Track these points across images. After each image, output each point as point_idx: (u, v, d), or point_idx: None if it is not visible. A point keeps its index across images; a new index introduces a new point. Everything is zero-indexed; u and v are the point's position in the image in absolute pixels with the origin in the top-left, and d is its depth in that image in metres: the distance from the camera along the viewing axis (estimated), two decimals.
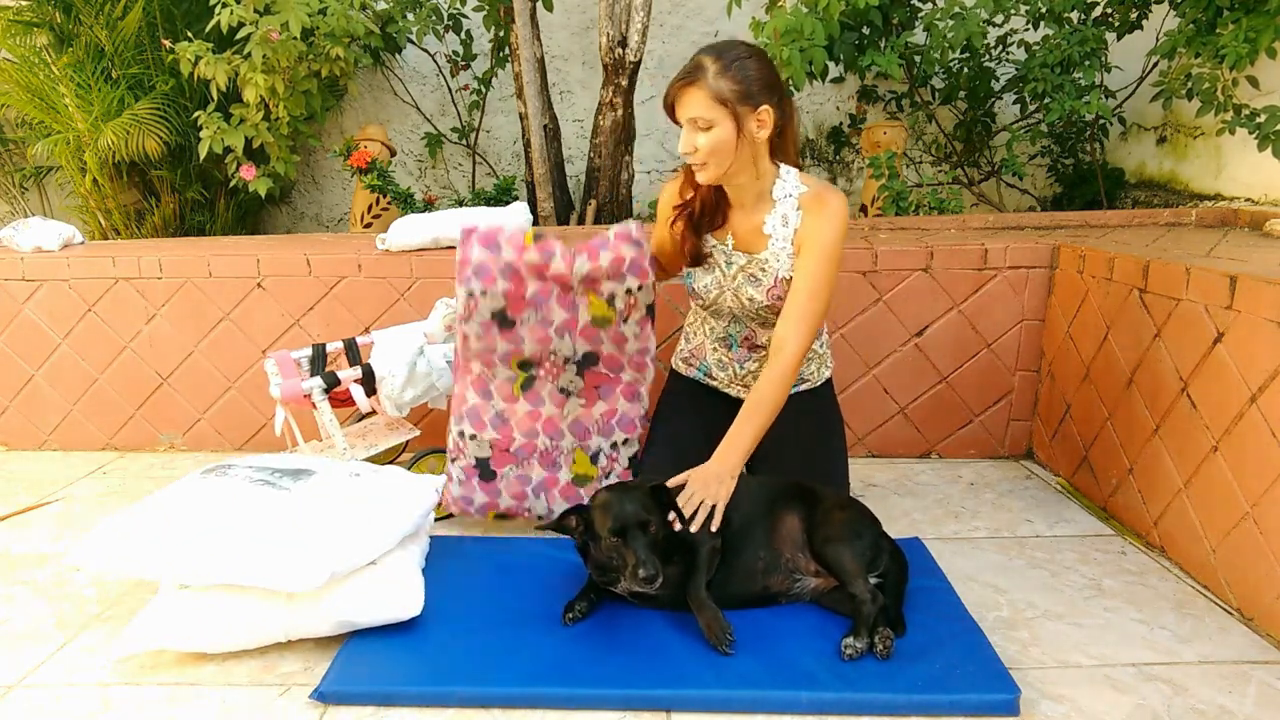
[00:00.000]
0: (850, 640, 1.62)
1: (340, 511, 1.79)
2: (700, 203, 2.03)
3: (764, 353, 2.13)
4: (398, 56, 4.43)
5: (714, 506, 1.79)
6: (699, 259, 2.08)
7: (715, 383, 2.24)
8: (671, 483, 1.84)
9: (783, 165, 1.99)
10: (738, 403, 2.20)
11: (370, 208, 4.10)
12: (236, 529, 1.71)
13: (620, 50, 3.67)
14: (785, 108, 1.90)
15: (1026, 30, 3.77)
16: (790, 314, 1.94)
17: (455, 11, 4.12)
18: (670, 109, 1.90)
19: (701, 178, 1.92)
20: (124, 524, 1.76)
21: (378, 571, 1.76)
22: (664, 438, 2.21)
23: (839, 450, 2.22)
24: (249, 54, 3.40)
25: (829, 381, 2.25)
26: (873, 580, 1.72)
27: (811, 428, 2.09)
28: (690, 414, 2.21)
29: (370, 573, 1.75)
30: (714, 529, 1.77)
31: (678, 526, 1.76)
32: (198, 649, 1.68)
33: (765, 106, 1.84)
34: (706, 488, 1.82)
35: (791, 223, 1.97)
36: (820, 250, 1.93)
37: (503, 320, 2.04)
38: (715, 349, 2.19)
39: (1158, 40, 3.47)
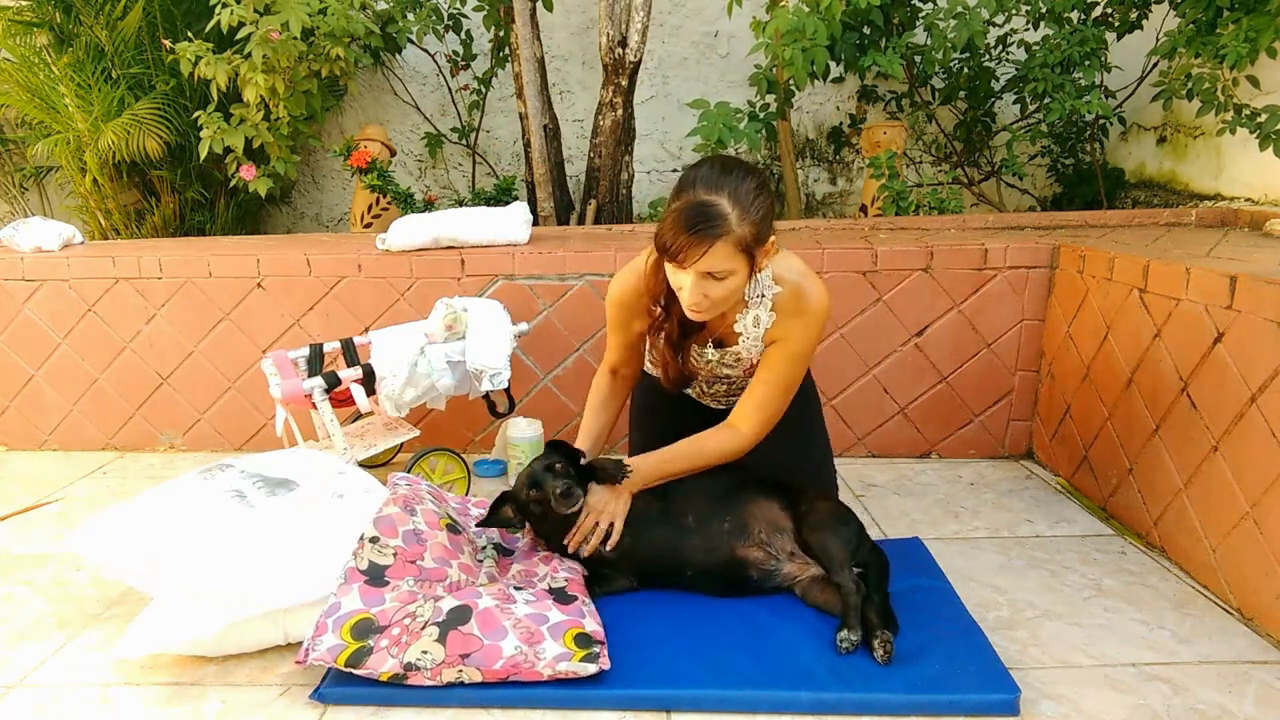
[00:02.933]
0: (844, 634, 1.63)
1: (288, 544, 1.73)
2: (678, 324, 1.87)
3: (733, 383, 2.08)
4: (398, 56, 4.43)
5: (611, 525, 1.83)
6: (686, 382, 2.01)
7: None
8: (572, 509, 1.84)
9: None
10: (707, 408, 2.20)
11: (370, 208, 4.10)
12: (194, 545, 1.68)
13: (620, 50, 3.67)
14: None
15: (1026, 30, 3.77)
16: (750, 403, 1.87)
17: (455, 11, 4.12)
18: (675, 257, 1.63)
19: (699, 318, 1.75)
20: (119, 521, 1.75)
21: None
22: (641, 430, 2.23)
23: (823, 449, 2.20)
24: (249, 54, 3.40)
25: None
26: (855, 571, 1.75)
27: (792, 422, 2.07)
28: (662, 411, 2.18)
29: None
30: (609, 548, 1.82)
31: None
32: (198, 652, 1.68)
33: (773, 237, 1.71)
34: (606, 507, 1.84)
35: (763, 323, 1.86)
36: (792, 353, 1.84)
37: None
38: None
39: (1158, 40, 3.47)
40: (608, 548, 1.83)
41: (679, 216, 1.61)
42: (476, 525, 1.97)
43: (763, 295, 1.84)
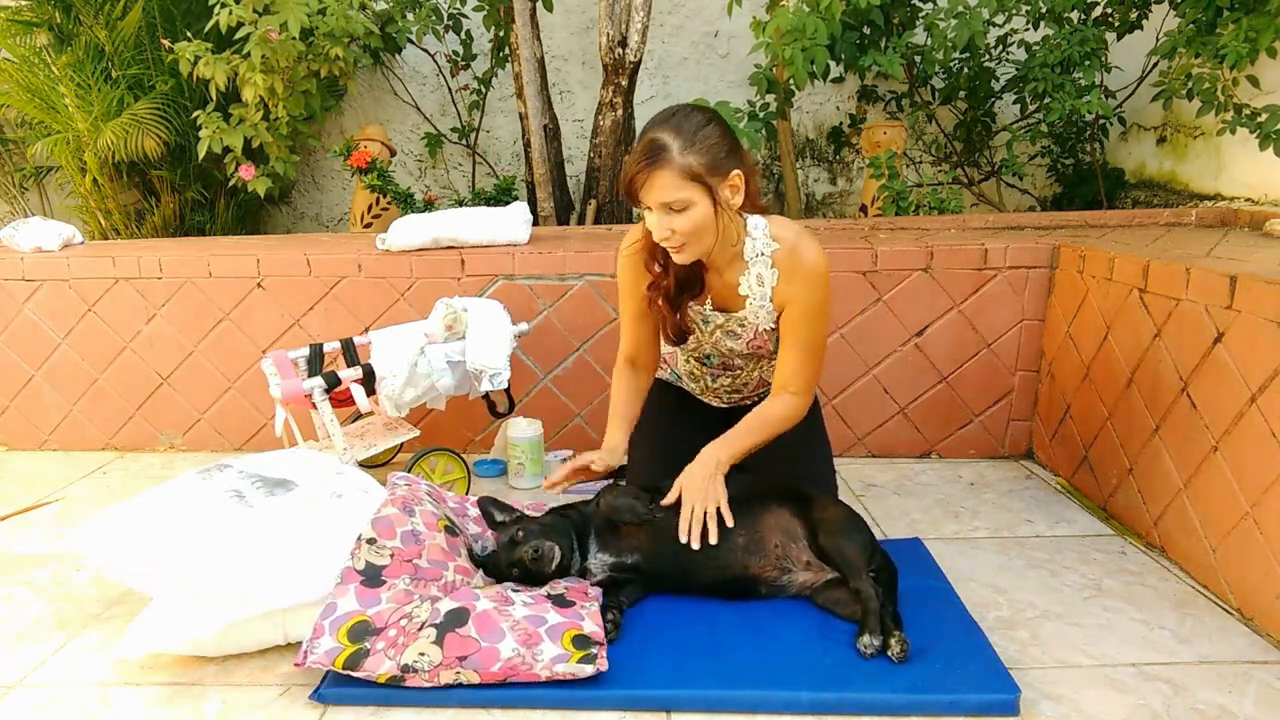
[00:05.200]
0: (867, 639, 1.62)
1: (287, 544, 1.73)
2: (674, 279, 1.90)
3: (739, 373, 2.10)
4: (398, 56, 4.43)
5: (719, 511, 1.81)
6: (684, 336, 2.01)
7: (687, 389, 2.23)
8: (668, 499, 1.86)
9: (749, 219, 1.88)
10: (710, 407, 2.20)
11: (370, 208, 4.10)
12: (193, 546, 1.68)
13: (620, 50, 3.67)
14: (747, 161, 1.79)
15: (1027, 30, 3.77)
16: (789, 367, 1.90)
17: (455, 11, 4.12)
18: (632, 194, 1.74)
19: (682, 259, 1.79)
20: (119, 521, 1.75)
21: None
22: (642, 442, 2.18)
23: (824, 452, 2.20)
24: (248, 54, 3.40)
25: None
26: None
27: (795, 430, 2.08)
28: (667, 413, 2.18)
29: None
30: (713, 540, 1.78)
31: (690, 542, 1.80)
32: (198, 652, 1.68)
33: (735, 171, 1.74)
34: (705, 495, 1.82)
35: (768, 282, 1.88)
36: (809, 314, 1.87)
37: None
38: (688, 361, 2.15)
39: (1158, 40, 3.47)
40: (711, 540, 1.78)
41: (631, 157, 1.73)
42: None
43: (761, 253, 1.87)
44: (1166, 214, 3.22)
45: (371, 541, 1.76)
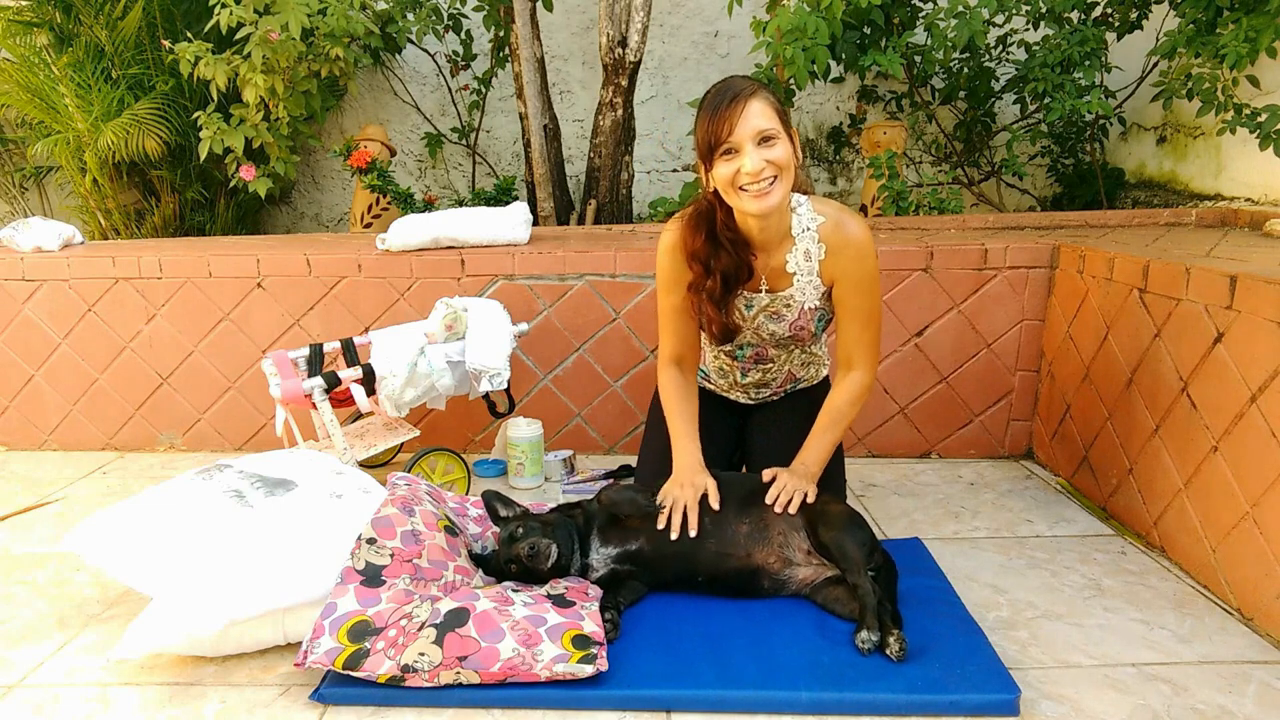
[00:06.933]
0: (865, 634, 1.63)
1: (287, 544, 1.73)
2: (722, 275, 1.89)
3: (769, 365, 2.11)
4: (398, 56, 4.43)
5: (805, 492, 1.89)
6: (731, 336, 2.00)
7: (713, 386, 2.23)
8: (766, 474, 1.94)
9: (793, 195, 1.89)
10: (735, 405, 2.21)
11: (370, 208, 4.10)
12: (193, 545, 1.68)
13: (620, 50, 3.67)
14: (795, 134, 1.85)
15: (1026, 30, 3.78)
16: (853, 344, 1.95)
17: (455, 11, 4.12)
18: (723, 132, 1.70)
19: (769, 201, 1.74)
20: (119, 521, 1.75)
21: None
22: (657, 444, 2.18)
23: (835, 457, 2.20)
24: (249, 54, 3.40)
25: (825, 381, 2.24)
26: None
27: (807, 428, 2.09)
28: None
29: None
30: (793, 511, 1.86)
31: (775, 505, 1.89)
32: (197, 652, 1.68)
33: (793, 129, 1.78)
34: (798, 484, 1.90)
35: (815, 256, 1.90)
36: (862, 285, 1.90)
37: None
38: (718, 357, 2.15)
39: (1158, 40, 3.47)
40: (791, 510, 1.85)
41: (708, 106, 1.73)
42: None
43: (807, 228, 1.89)
44: (1166, 214, 3.22)
45: (371, 541, 1.76)
